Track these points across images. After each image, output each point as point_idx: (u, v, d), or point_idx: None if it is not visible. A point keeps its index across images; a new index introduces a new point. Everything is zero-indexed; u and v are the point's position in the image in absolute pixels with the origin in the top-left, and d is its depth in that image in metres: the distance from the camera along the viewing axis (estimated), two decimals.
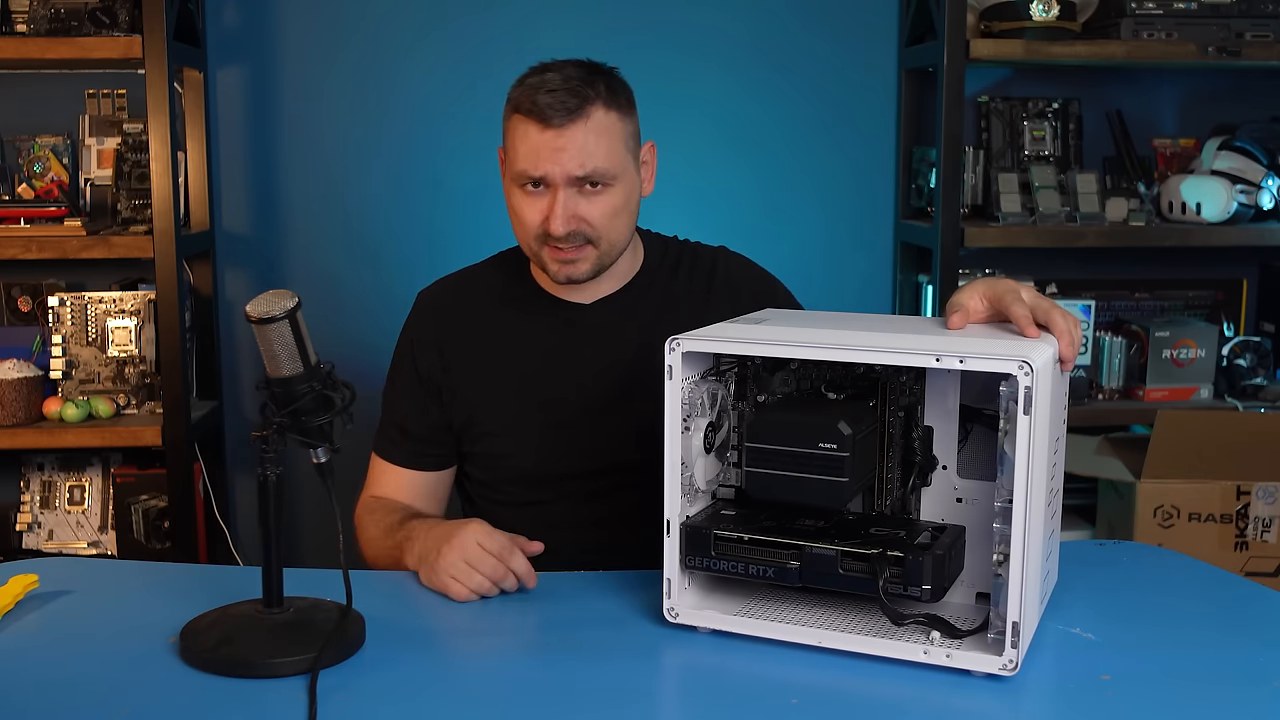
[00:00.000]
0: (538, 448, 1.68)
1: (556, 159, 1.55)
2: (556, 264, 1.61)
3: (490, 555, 1.40)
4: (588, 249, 1.60)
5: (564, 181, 1.56)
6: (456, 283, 1.77)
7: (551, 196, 1.57)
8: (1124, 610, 1.36)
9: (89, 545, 2.67)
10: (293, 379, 1.20)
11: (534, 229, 1.59)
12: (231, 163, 2.75)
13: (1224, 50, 2.58)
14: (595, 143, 1.56)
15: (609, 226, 1.60)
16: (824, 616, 1.28)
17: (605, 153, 1.57)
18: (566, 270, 1.61)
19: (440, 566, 1.40)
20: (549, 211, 1.57)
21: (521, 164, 1.57)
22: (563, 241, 1.58)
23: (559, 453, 1.67)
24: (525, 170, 1.57)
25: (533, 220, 1.59)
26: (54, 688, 1.17)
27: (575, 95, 1.55)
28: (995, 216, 2.69)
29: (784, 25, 2.81)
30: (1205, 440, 2.50)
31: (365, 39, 2.74)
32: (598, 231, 1.59)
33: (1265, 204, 2.69)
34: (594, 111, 1.56)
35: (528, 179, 1.57)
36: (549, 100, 1.54)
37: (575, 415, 1.67)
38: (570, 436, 1.67)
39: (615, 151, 1.59)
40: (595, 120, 1.56)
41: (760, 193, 2.84)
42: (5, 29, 2.45)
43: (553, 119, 1.54)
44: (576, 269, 1.61)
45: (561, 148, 1.54)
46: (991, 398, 1.19)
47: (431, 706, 1.14)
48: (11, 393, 2.44)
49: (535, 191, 1.58)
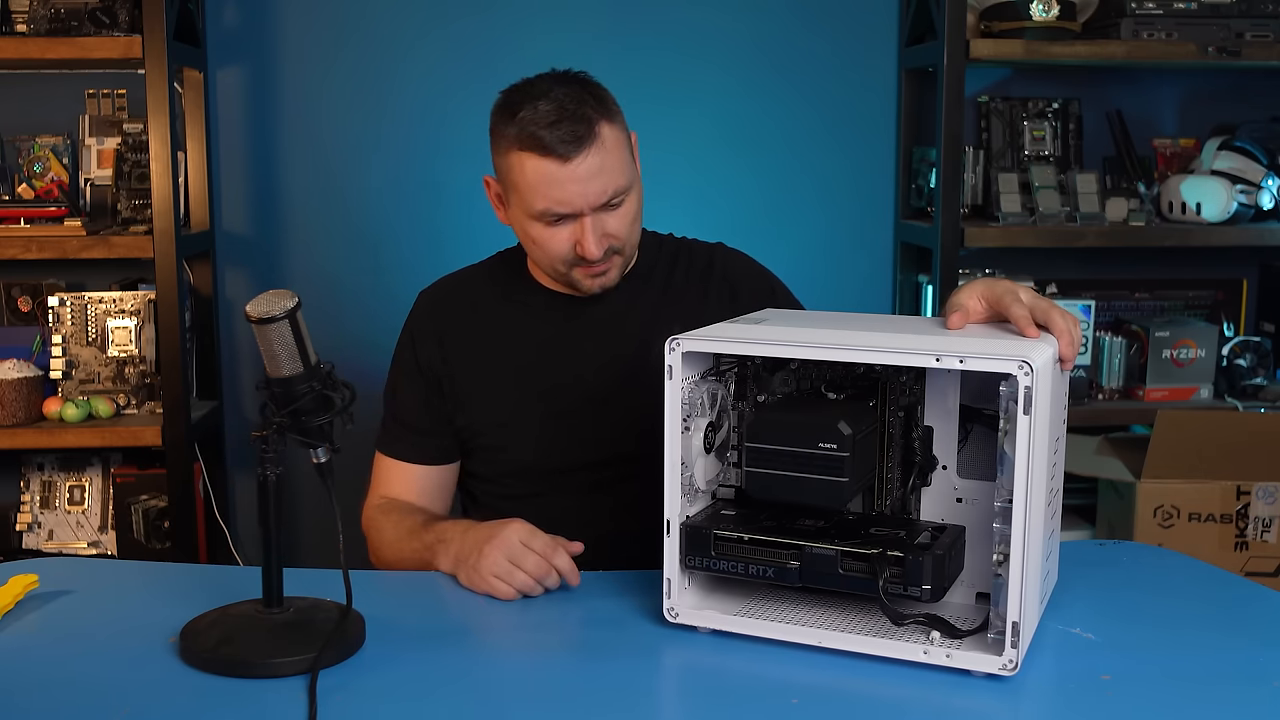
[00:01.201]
0: (538, 439, 1.68)
1: (582, 193, 1.55)
2: (590, 280, 1.63)
3: (533, 552, 1.39)
4: (615, 259, 1.63)
5: (590, 209, 1.56)
6: (456, 281, 1.78)
7: (579, 224, 1.57)
8: (1124, 610, 1.36)
9: (89, 545, 2.67)
10: (293, 379, 1.20)
11: (564, 255, 1.60)
12: (231, 163, 2.75)
13: (1224, 50, 2.58)
14: (611, 163, 1.56)
15: (631, 232, 1.63)
16: (824, 616, 1.28)
17: (620, 169, 1.58)
18: (600, 282, 1.64)
19: (483, 567, 1.39)
20: (579, 238, 1.57)
21: (543, 203, 1.56)
22: (595, 260, 1.59)
23: (560, 444, 1.68)
24: (549, 209, 1.56)
25: (562, 250, 1.59)
26: (54, 688, 1.17)
27: (580, 121, 1.54)
28: (995, 216, 2.69)
29: (784, 25, 2.81)
30: (1205, 440, 2.50)
31: (365, 39, 2.74)
32: (623, 241, 1.62)
33: (1265, 204, 2.69)
34: (600, 131, 1.55)
35: (551, 215, 1.57)
36: (558, 135, 1.53)
37: (576, 406, 1.68)
38: (570, 428, 1.68)
39: (625, 163, 1.59)
40: (603, 139, 1.56)
41: (760, 193, 2.84)
42: (5, 29, 2.45)
43: (567, 153, 1.53)
44: (609, 278, 1.64)
45: (582, 179, 1.54)
46: (991, 398, 1.19)
47: (432, 706, 1.14)
48: (11, 393, 2.44)
49: (558, 223, 1.58)
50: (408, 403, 1.72)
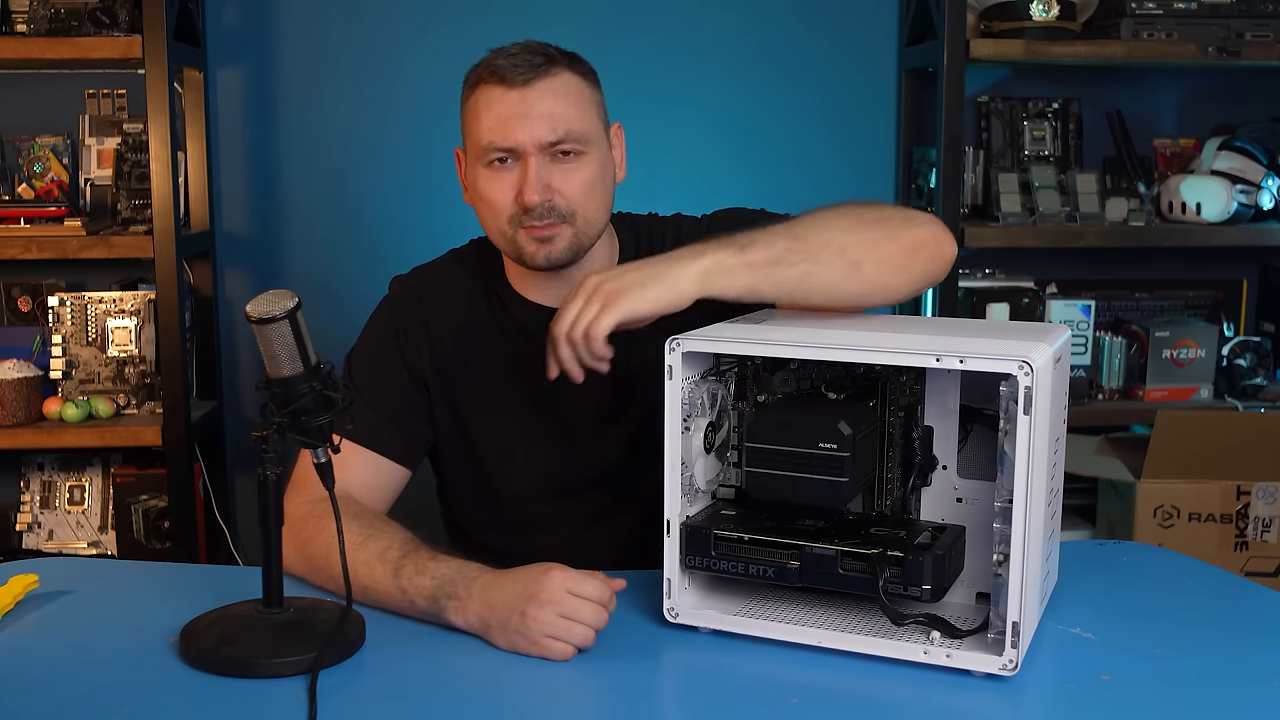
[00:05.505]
0: (533, 465, 1.59)
1: (525, 125, 1.44)
2: (534, 244, 1.48)
3: (588, 601, 1.22)
4: (562, 227, 1.48)
5: (535, 148, 1.45)
6: (435, 289, 1.62)
7: (522, 169, 1.46)
8: (1124, 610, 1.36)
9: (89, 545, 2.67)
10: (293, 379, 1.20)
11: (506, 208, 1.48)
12: (231, 163, 2.75)
13: (1224, 50, 2.58)
14: (565, 104, 1.46)
15: (584, 201, 1.48)
16: (824, 616, 1.28)
17: (577, 115, 1.47)
18: (545, 250, 1.48)
19: (533, 630, 1.21)
20: (521, 185, 1.46)
21: (487, 136, 1.46)
22: (537, 218, 1.46)
23: (551, 466, 1.59)
24: (492, 141, 1.46)
25: (503, 198, 1.47)
26: (54, 688, 1.17)
27: (539, 54, 1.47)
28: (995, 216, 2.69)
29: (784, 25, 2.81)
30: (1205, 440, 2.50)
31: (365, 39, 2.74)
32: (572, 205, 1.48)
33: (1265, 204, 2.69)
34: (560, 72, 1.47)
35: (495, 151, 1.46)
36: (511, 62, 1.46)
37: (568, 427, 1.58)
38: (560, 451, 1.58)
39: (587, 115, 1.49)
40: (562, 80, 1.47)
41: (760, 192, 2.81)
42: (5, 29, 2.45)
43: (516, 78, 1.45)
44: (554, 248, 1.48)
45: (528, 112, 1.44)
46: (991, 398, 1.19)
47: (431, 706, 1.14)
48: (11, 393, 2.44)
49: (503, 167, 1.47)
50: (382, 382, 1.56)
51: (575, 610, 1.21)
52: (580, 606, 1.22)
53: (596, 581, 1.24)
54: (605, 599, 1.23)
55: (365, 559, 1.33)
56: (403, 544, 1.35)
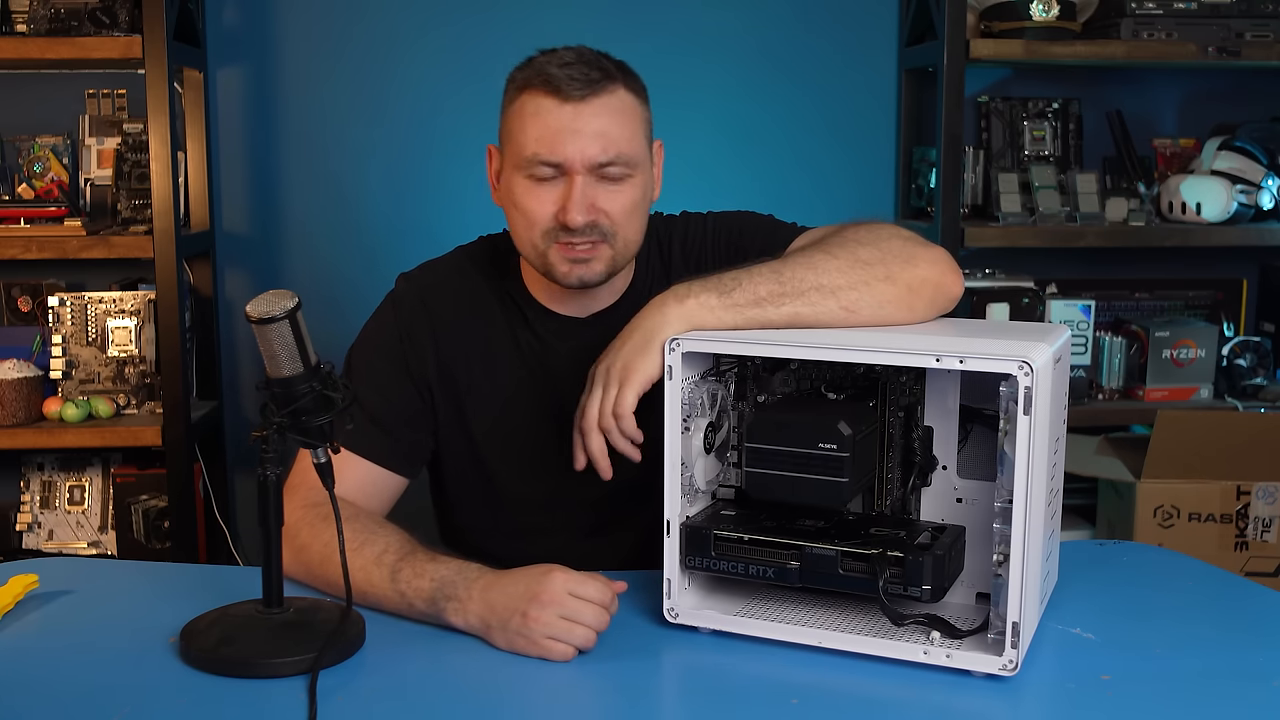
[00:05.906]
0: (537, 471, 1.57)
1: (576, 142, 1.38)
2: (568, 264, 1.43)
3: (590, 603, 1.22)
4: (603, 247, 1.43)
5: (584, 167, 1.39)
6: (443, 288, 1.58)
7: (566, 185, 1.40)
8: (1124, 610, 1.36)
9: (89, 545, 2.67)
10: (293, 379, 1.20)
11: (543, 222, 1.42)
12: (231, 163, 2.75)
13: (1224, 50, 2.58)
14: (618, 124, 1.40)
15: (626, 223, 1.44)
16: (824, 616, 1.28)
17: (628, 136, 1.41)
18: (579, 271, 1.44)
19: (534, 631, 1.21)
20: (564, 202, 1.40)
21: (533, 147, 1.39)
22: (577, 237, 1.41)
23: (555, 470, 1.53)
24: (538, 154, 1.39)
25: (543, 212, 1.41)
26: (54, 688, 1.17)
27: (597, 69, 1.40)
28: (995, 216, 2.69)
29: (785, 25, 2.81)
30: (1205, 440, 2.50)
31: (365, 39, 2.74)
32: (615, 226, 1.43)
33: (1265, 204, 2.69)
34: (615, 89, 1.41)
35: (540, 164, 1.40)
36: (569, 73, 1.38)
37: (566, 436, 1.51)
38: (565, 456, 1.49)
39: (636, 136, 1.43)
40: (618, 99, 1.41)
41: (760, 193, 2.84)
42: (5, 29, 2.45)
43: (572, 92, 1.38)
44: (590, 269, 1.44)
45: (581, 129, 1.38)
46: (991, 398, 1.19)
47: (431, 706, 1.14)
48: (11, 393, 2.44)
49: (545, 181, 1.41)
50: (383, 389, 1.52)
51: (576, 612, 1.21)
52: (582, 608, 1.22)
53: (598, 583, 1.24)
54: (606, 601, 1.23)
55: (362, 564, 1.32)
56: (399, 547, 1.34)
